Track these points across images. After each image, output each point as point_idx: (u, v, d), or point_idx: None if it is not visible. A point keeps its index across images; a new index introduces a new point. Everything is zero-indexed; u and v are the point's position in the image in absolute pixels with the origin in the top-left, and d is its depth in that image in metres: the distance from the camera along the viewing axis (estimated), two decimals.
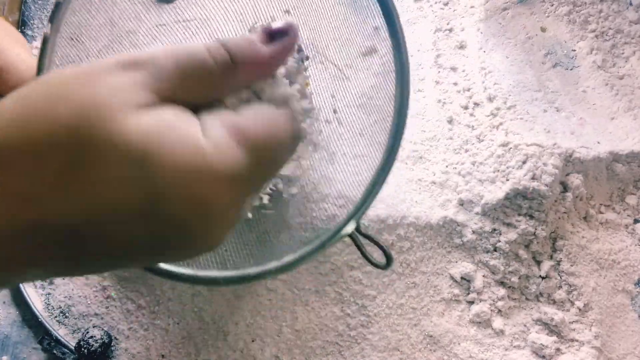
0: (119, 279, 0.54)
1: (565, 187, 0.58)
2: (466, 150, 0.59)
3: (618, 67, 0.69)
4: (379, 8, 0.39)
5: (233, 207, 0.22)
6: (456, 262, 0.56)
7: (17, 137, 0.18)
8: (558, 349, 0.54)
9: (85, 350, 0.49)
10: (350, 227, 0.39)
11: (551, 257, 0.58)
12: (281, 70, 0.28)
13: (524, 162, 0.56)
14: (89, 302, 0.54)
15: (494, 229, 0.56)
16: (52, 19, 0.36)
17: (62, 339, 0.51)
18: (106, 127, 0.19)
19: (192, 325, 0.53)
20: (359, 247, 0.39)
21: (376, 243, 0.40)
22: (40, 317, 0.52)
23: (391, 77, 0.39)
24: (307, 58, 0.39)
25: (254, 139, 0.22)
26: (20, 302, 0.53)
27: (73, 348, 0.50)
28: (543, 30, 0.70)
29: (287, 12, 0.41)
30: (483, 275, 0.56)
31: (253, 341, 0.52)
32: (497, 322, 0.55)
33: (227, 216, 0.21)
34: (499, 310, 0.55)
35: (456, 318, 0.55)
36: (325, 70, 0.44)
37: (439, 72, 0.65)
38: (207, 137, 0.21)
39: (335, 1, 0.42)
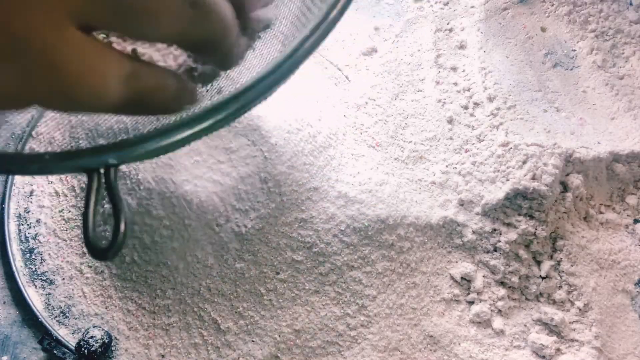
0: (119, 279, 0.54)
1: (565, 187, 0.58)
2: (466, 150, 0.59)
3: (618, 67, 0.69)
4: None
5: None
6: (456, 262, 0.56)
7: None
8: (558, 349, 0.54)
9: (86, 351, 0.49)
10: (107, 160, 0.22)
11: (551, 257, 0.58)
12: None
13: (524, 162, 0.56)
14: (89, 302, 0.54)
15: (494, 229, 0.56)
16: None
17: (62, 339, 0.51)
18: None
19: (192, 325, 0.53)
20: (88, 198, 0.22)
21: (115, 209, 0.22)
22: (40, 317, 0.52)
23: None
24: None
25: None
26: (20, 302, 0.53)
27: (73, 348, 0.50)
28: (543, 30, 0.70)
29: None
30: (483, 276, 0.56)
31: (253, 341, 0.52)
32: (497, 322, 0.55)
33: None
34: (499, 310, 0.55)
35: (456, 318, 0.55)
36: None
37: (439, 72, 0.65)
38: None
39: None
